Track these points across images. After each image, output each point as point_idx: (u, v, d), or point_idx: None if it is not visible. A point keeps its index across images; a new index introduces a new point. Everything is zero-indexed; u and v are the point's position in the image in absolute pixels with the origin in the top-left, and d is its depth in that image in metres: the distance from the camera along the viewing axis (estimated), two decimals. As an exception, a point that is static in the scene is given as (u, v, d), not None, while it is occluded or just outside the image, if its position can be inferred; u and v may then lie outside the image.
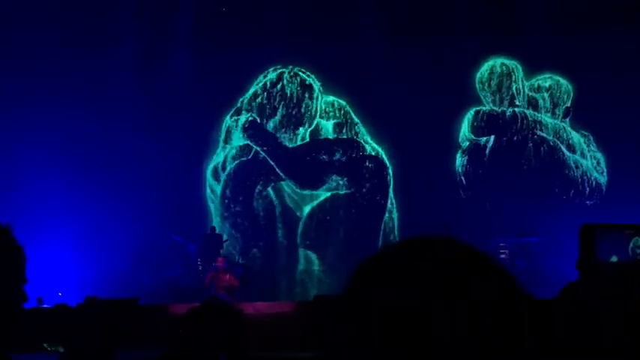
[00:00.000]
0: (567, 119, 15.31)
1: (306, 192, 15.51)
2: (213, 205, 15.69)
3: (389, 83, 14.65)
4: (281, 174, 15.39)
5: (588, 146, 15.18)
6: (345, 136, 15.71)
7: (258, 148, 15.49)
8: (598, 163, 15.12)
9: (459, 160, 15.42)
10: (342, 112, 15.79)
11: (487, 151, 15.29)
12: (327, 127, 15.86)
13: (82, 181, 15.14)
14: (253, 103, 15.76)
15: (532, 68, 15.37)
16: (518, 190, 14.93)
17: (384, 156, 15.43)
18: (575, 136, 15.23)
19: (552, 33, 14.41)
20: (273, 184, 15.58)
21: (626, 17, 14.06)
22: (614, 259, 3.84)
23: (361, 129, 15.65)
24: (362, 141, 15.56)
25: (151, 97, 15.29)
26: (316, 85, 15.67)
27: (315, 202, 15.52)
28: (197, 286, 13.73)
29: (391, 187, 15.36)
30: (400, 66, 14.76)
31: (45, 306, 13.19)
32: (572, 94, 15.29)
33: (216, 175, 15.68)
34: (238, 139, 15.57)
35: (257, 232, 15.44)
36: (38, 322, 11.70)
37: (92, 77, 15.33)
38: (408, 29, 14.65)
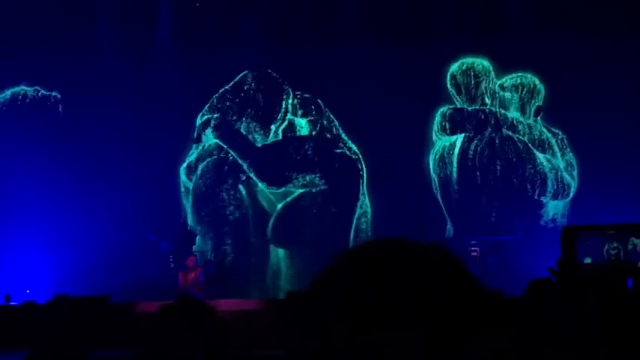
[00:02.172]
0: (539, 118, 15.44)
1: (274, 190, 15.50)
2: (188, 203, 15.63)
3: (363, 82, 14.67)
4: (248, 172, 15.38)
5: (560, 146, 15.32)
6: (319, 134, 15.71)
7: (226, 147, 15.46)
8: (569, 162, 15.28)
9: (431, 159, 15.50)
10: (317, 109, 15.79)
11: (456, 150, 15.38)
12: (302, 125, 15.84)
13: (54, 178, 14.99)
14: (224, 102, 15.71)
15: (503, 67, 15.48)
16: (488, 188, 15.06)
17: (358, 154, 15.46)
18: (546, 135, 15.37)
19: (525, 32, 14.53)
20: (244, 182, 15.55)
21: (598, 17, 14.20)
22: (587, 260, 3.90)
23: (336, 127, 15.66)
24: (336, 139, 15.57)
25: (123, 96, 15.17)
26: (287, 85, 15.65)
27: (289, 199, 15.50)
28: (169, 283, 13.64)
29: (364, 185, 15.39)
30: (375, 65, 14.78)
31: (13, 303, 13.03)
32: (543, 93, 15.41)
33: (189, 174, 15.64)
34: (209, 138, 15.55)
35: (229, 230, 15.39)
36: (5, 320, 11.55)
37: (65, 77, 15.20)
38: (382, 30, 14.69)
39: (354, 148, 15.48)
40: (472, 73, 15.51)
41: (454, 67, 15.50)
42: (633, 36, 14.56)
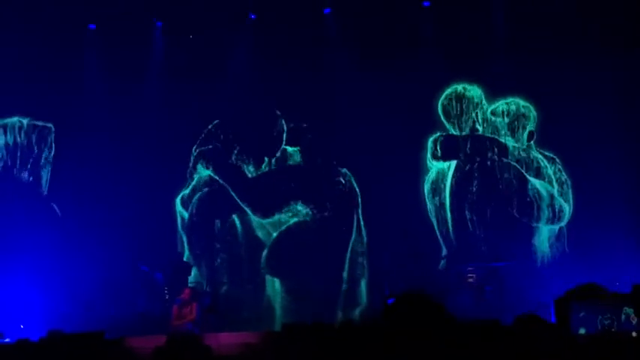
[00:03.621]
0: (532, 143, 15.47)
1: (266, 220, 15.50)
2: (183, 234, 15.62)
3: (354, 111, 14.74)
4: (241, 203, 15.39)
5: (554, 170, 15.33)
6: (312, 163, 15.73)
7: (218, 178, 15.49)
8: (563, 187, 15.28)
9: (426, 187, 15.50)
10: (309, 139, 15.82)
11: (449, 177, 15.39)
12: (295, 154, 15.87)
13: (46, 212, 14.94)
14: (217, 134, 15.75)
15: (494, 93, 15.55)
16: (482, 214, 15.04)
17: (352, 182, 15.46)
18: (540, 160, 15.39)
19: (515, 57, 14.62)
20: (239, 213, 15.55)
21: (590, 41, 14.30)
22: (582, 331, 3.90)
23: (329, 156, 15.68)
24: (329, 167, 15.58)
25: (118, 128, 15.22)
26: (280, 114, 15.71)
27: (283, 228, 15.49)
28: (164, 316, 13.54)
29: (359, 213, 15.37)
30: (366, 93, 14.85)
31: (6, 340, 12.90)
32: (536, 118, 15.46)
33: (185, 205, 15.64)
34: (202, 170, 15.56)
35: (224, 261, 15.35)
36: (-1, 358, 11.42)
37: (59, 109, 15.25)
38: (371, 57, 14.76)
39: (349, 175, 15.48)
40: (463, 100, 15.57)
41: (445, 94, 15.57)
42: (624, 58, 14.65)
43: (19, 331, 13.34)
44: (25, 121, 15.70)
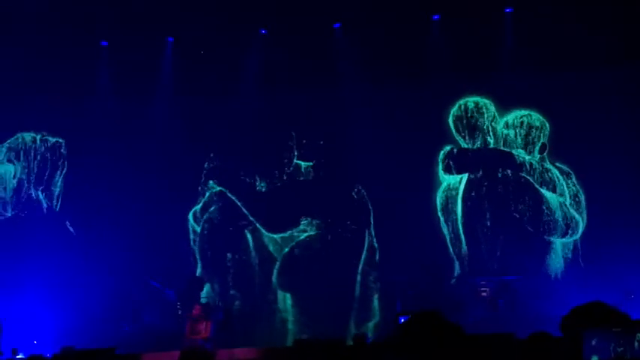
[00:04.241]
0: (544, 155, 15.38)
1: (278, 235, 15.50)
2: (196, 249, 15.63)
3: (367, 125, 14.72)
4: (251, 218, 15.41)
5: (567, 183, 15.22)
6: (324, 178, 15.71)
7: (230, 193, 15.51)
8: (576, 199, 15.17)
9: (439, 200, 15.45)
10: (321, 153, 15.81)
11: (461, 190, 15.32)
12: (307, 169, 15.86)
13: (59, 228, 15.00)
14: (228, 149, 15.78)
15: (506, 105, 15.50)
16: (495, 227, 14.95)
17: (364, 195, 15.43)
18: (552, 173, 15.30)
19: (527, 69, 14.57)
20: (250, 228, 15.56)
21: (602, 53, 14.24)
22: (594, 358, 3.85)
23: (340, 170, 15.65)
24: (341, 182, 15.55)
25: (129, 143, 15.26)
26: (292, 130, 15.71)
27: (295, 243, 15.47)
28: (176, 332, 13.52)
29: (372, 227, 15.33)
30: (376, 108, 14.85)
31: (20, 356, 12.92)
32: (548, 130, 15.37)
33: (197, 221, 15.66)
34: (214, 185, 15.60)
35: (236, 276, 15.33)
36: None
37: (71, 124, 15.34)
38: (382, 71, 14.76)
39: (361, 189, 15.45)
40: (475, 113, 15.54)
41: (456, 107, 15.54)
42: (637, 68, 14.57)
43: (33, 347, 13.36)
44: (37, 137, 15.80)
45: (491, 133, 15.52)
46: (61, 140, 15.82)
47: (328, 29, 15.42)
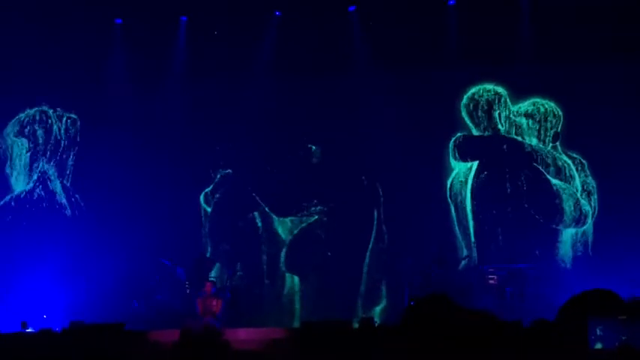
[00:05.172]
0: (557, 144, 15.29)
1: (287, 218, 15.55)
2: (205, 230, 15.72)
3: (378, 111, 14.70)
4: (261, 202, 15.46)
5: (579, 172, 15.14)
6: (334, 162, 15.71)
7: (240, 176, 15.57)
8: (588, 189, 15.10)
9: (449, 187, 15.43)
10: (332, 137, 15.76)
11: (471, 177, 15.29)
12: (318, 153, 15.86)
13: (70, 205, 15.08)
14: (239, 131, 15.78)
15: (519, 93, 15.41)
16: (504, 215, 14.93)
17: (374, 181, 15.43)
18: (564, 162, 15.23)
19: (540, 58, 14.49)
20: (260, 210, 15.62)
21: (613, 41, 14.14)
22: (598, 346, 3.87)
23: (350, 155, 15.62)
24: (351, 166, 15.54)
25: (142, 122, 15.31)
26: (304, 114, 15.70)
27: (304, 225, 15.52)
28: (185, 310, 13.61)
29: (381, 211, 15.34)
30: (389, 92, 14.81)
31: (29, 330, 13.05)
32: (561, 119, 15.29)
33: (208, 202, 15.73)
34: (224, 167, 15.66)
35: (245, 257, 15.41)
36: (22, 347, 11.56)
37: (84, 102, 15.40)
38: (396, 55, 14.72)
39: (371, 174, 15.45)
40: (487, 100, 15.47)
41: (469, 94, 15.48)
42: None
43: (42, 322, 13.49)
44: (50, 112, 15.86)
45: (503, 121, 15.46)
46: (74, 116, 15.88)
47: (343, 12, 15.36)
